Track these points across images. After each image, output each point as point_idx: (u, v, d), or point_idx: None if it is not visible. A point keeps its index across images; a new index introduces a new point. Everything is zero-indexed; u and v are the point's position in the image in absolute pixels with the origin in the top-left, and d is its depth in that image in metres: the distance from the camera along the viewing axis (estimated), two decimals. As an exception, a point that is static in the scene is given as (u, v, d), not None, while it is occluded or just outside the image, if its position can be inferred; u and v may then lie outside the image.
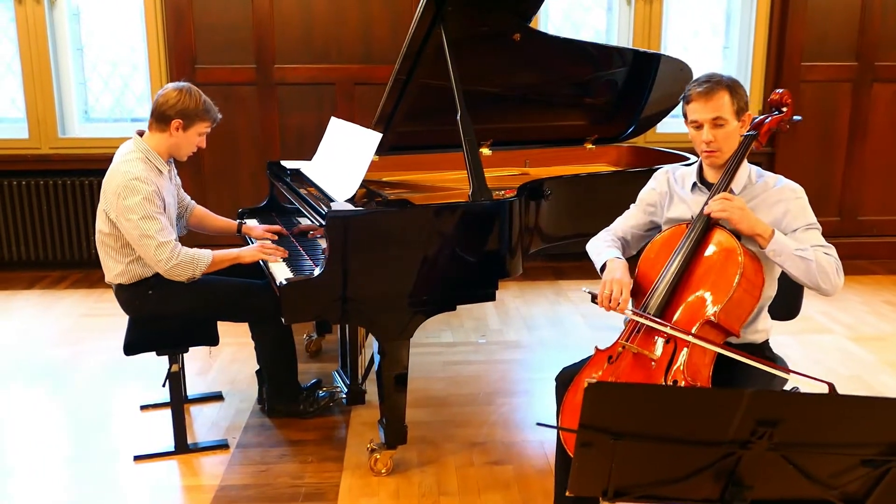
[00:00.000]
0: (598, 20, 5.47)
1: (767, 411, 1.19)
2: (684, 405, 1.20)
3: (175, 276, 2.80)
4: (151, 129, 2.89)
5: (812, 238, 2.18)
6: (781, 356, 2.53)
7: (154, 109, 2.87)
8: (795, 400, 1.22)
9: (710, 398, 1.22)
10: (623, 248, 2.49)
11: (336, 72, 5.13)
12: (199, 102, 2.88)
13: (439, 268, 2.67)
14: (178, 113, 2.83)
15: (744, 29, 5.33)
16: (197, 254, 2.83)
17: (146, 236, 2.74)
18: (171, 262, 2.76)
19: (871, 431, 1.25)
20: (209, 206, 5.17)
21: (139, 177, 2.76)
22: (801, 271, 2.11)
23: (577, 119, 4.09)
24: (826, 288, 2.12)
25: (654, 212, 2.47)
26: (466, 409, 3.35)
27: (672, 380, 2.08)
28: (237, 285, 2.98)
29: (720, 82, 2.22)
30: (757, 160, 5.36)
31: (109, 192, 2.80)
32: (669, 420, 1.21)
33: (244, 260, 2.95)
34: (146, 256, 2.79)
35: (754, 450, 1.25)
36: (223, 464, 2.91)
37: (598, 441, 1.26)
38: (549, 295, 4.90)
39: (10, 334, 4.24)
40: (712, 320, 2.10)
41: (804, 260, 2.11)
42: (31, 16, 5.02)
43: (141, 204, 2.73)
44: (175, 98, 2.84)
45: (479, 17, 3.16)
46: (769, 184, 2.28)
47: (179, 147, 2.90)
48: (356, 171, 2.86)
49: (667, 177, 2.46)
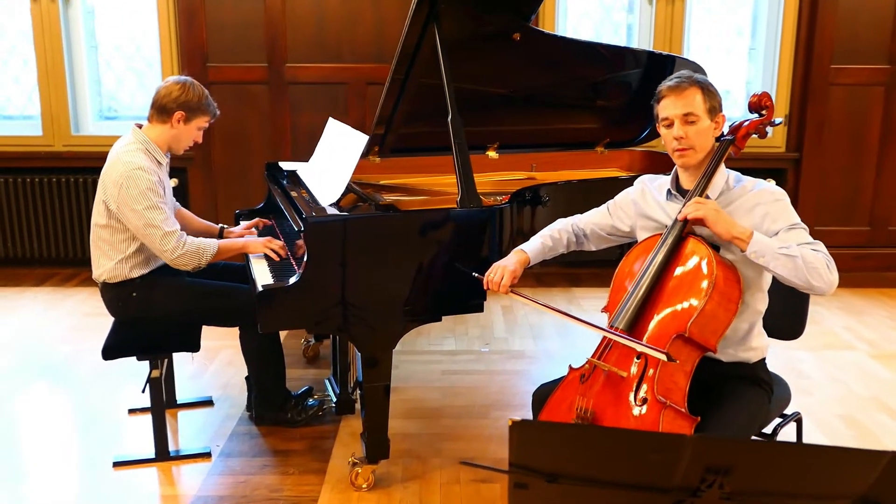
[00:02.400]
0: (619, 20, 5.31)
1: (716, 458, 1.06)
2: (619, 447, 1.08)
3: (181, 266, 2.80)
4: (152, 120, 2.87)
5: (796, 237, 2.03)
6: (780, 375, 2.38)
7: (155, 101, 2.86)
8: (747, 447, 1.08)
9: (648, 441, 1.09)
10: (574, 241, 2.44)
11: (348, 71, 5.05)
12: (201, 96, 2.87)
13: (423, 277, 2.56)
14: (180, 105, 2.83)
15: (771, 29, 5.12)
16: (203, 243, 2.83)
17: (151, 226, 2.72)
18: (177, 252, 2.75)
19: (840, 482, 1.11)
20: (219, 205, 5.21)
21: (142, 167, 2.74)
22: (788, 270, 1.96)
23: (588, 122, 3.95)
24: (819, 286, 1.96)
25: (620, 217, 2.38)
26: (459, 423, 3.23)
27: (641, 399, 1.95)
28: (222, 289, 2.92)
29: (691, 78, 2.13)
30: (782, 166, 5.17)
31: (109, 183, 2.77)
32: (608, 462, 1.09)
33: (249, 250, 2.93)
34: (152, 246, 2.77)
35: (706, 499, 1.11)
36: (202, 473, 2.84)
37: (532, 483, 1.14)
38: (560, 302, 4.76)
39: (13, 331, 4.23)
40: (685, 335, 1.97)
41: (789, 258, 1.95)
42: (45, 14, 5.03)
43: (145, 194, 2.72)
44: (178, 91, 2.83)
45: (476, 16, 3.05)
46: (747, 188, 2.15)
47: (179, 140, 2.89)
48: (342, 175, 2.77)
49: (643, 185, 2.34)
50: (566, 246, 2.44)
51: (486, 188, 3.43)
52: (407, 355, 3.92)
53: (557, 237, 2.43)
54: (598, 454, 1.09)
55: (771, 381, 2.23)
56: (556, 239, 2.42)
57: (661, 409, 1.93)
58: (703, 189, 2.12)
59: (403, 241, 2.54)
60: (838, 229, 5.23)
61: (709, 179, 2.13)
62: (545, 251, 2.42)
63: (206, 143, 5.10)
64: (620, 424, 1.97)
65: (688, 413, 1.95)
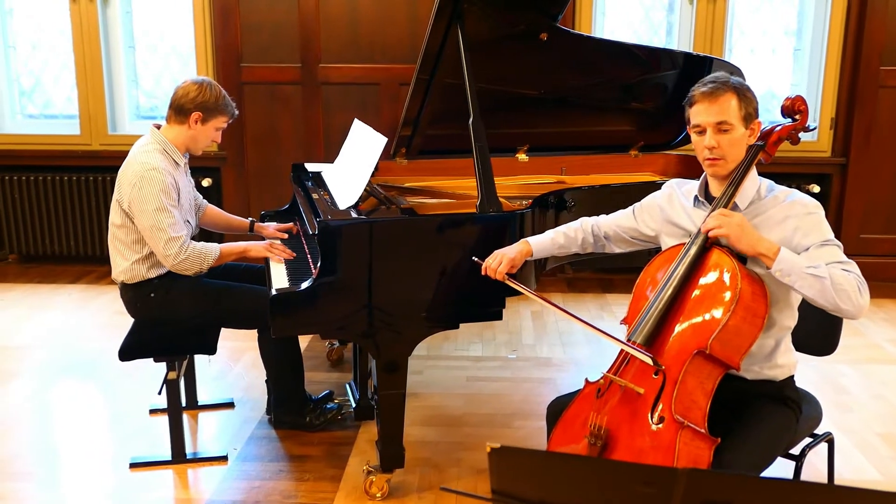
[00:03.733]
0: (659, 20, 5.18)
1: (713, 493, 0.97)
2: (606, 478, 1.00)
3: (182, 271, 2.78)
4: (170, 121, 2.87)
5: (828, 255, 1.91)
6: (814, 392, 2.26)
7: (173, 102, 2.85)
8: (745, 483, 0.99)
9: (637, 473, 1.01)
10: (592, 243, 2.36)
11: (381, 72, 5.01)
12: (218, 97, 2.86)
13: (440, 283, 2.49)
14: (197, 106, 2.81)
15: (817, 29, 4.94)
16: (205, 248, 2.81)
17: (158, 228, 2.72)
18: (179, 258, 2.74)
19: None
20: (252, 205, 5.21)
21: (156, 167, 2.73)
22: (815, 291, 1.85)
23: (621, 124, 3.85)
24: (847, 309, 1.85)
25: (645, 221, 2.28)
26: (480, 431, 3.16)
27: (659, 416, 1.86)
28: (239, 291, 2.89)
29: (727, 84, 1.99)
30: (827, 171, 4.98)
31: (124, 183, 2.78)
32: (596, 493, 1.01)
33: (250, 254, 2.92)
34: (156, 249, 2.76)
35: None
36: (217, 477, 2.81)
37: (518, 511, 1.07)
38: (592, 309, 4.65)
39: (46, 327, 4.28)
40: (705, 352, 1.86)
41: (817, 278, 1.84)
42: (84, 14, 5.09)
43: (157, 195, 2.71)
44: (196, 91, 2.82)
45: (501, 15, 2.97)
46: (779, 199, 2.03)
47: (197, 140, 2.88)
48: (361, 178, 2.72)
49: (671, 189, 2.24)
50: (581, 246, 2.36)
51: (512, 192, 3.36)
52: (433, 360, 3.86)
53: (572, 236, 2.35)
54: (584, 484, 1.01)
55: (799, 399, 2.11)
56: (570, 237, 2.35)
57: (679, 429, 1.83)
58: (731, 198, 2.01)
59: (419, 246, 2.47)
60: (885, 237, 5.03)
61: (736, 187, 2.02)
62: (554, 247, 2.35)
63: (238, 142, 5.14)
64: (635, 444, 1.88)
65: (707, 434, 1.85)
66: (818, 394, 2.29)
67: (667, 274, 2.02)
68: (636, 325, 2.00)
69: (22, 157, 5.25)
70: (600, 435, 1.92)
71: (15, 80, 5.40)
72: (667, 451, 1.81)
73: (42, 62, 5.40)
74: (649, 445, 1.85)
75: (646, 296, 2.07)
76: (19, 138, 5.30)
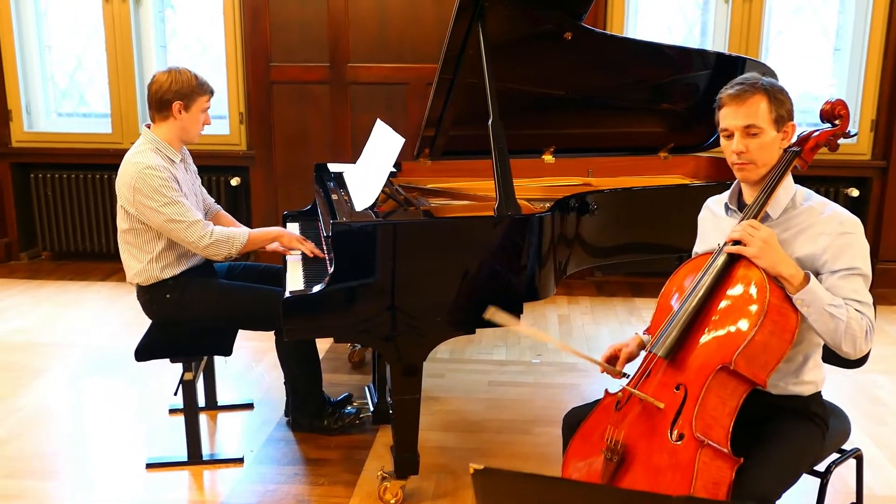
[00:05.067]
0: (693, 19, 5.06)
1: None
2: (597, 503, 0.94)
3: (213, 255, 2.78)
4: (155, 120, 2.85)
5: (851, 287, 1.83)
6: (841, 406, 2.16)
7: (150, 100, 2.82)
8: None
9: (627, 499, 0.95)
10: None
11: (409, 72, 4.97)
12: (191, 79, 2.82)
13: (455, 288, 2.44)
14: (175, 95, 2.78)
15: (858, 29, 4.78)
16: (233, 231, 2.82)
17: (173, 221, 2.71)
18: (204, 240, 2.73)
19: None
20: (279, 205, 5.21)
21: (151, 165, 2.72)
22: (826, 329, 1.79)
23: (651, 126, 3.76)
24: (847, 351, 1.81)
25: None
26: (500, 438, 3.10)
27: (678, 434, 1.78)
28: (257, 292, 2.87)
29: (756, 85, 1.89)
30: (866, 174, 4.81)
31: (122, 186, 2.78)
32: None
33: (284, 242, 2.89)
34: (179, 240, 2.76)
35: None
36: (232, 479, 2.80)
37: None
38: (620, 313, 4.56)
39: (74, 325, 4.32)
40: (729, 367, 1.78)
41: (834, 318, 1.78)
42: (117, 14, 5.13)
43: (158, 191, 2.71)
44: (168, 82, 2.78)
45: (524, 14, 2.91)
46: (815, 210, 1.93)
47: (187, 130, 2.85)
48: (378, 179, 2.68)
49: (706, 209, 2.16)
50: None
51: (536, 193, 3.30)
52: (455, 364, 3.82)
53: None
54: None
55: (826, 414, 2.02)
56: None
57: (699, 448, 1.75)
58: (762, 207, 1.92)
59: (433, 250, 2.42)
60: (927, 244, 4.85)
61: (768, 196, 1.92)
62: None
63: (267, 142, 5.14)
64: (652, 461, 1.81)
65: (730, 453, 1.77)
66: (851, 405, 2.21)
67: (692, 284, 1.94)
68: (658, 337, 1.93)
69: (55, 155, 5.32)
70: (617, 450, 1.85)
71: (49, 79, 5.47)
72: (685, 470, 1.73)
73: (76, 62, 5.47)
74: (667, 463, 1.78)
75: (670, 306, 1.99)
76: (53, 136, 5.37)
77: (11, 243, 5.49)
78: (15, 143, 5.35)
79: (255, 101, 5.09)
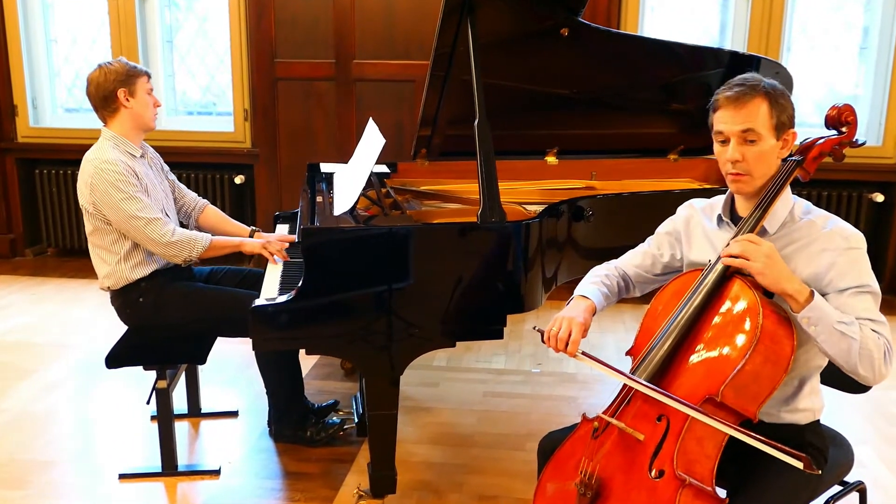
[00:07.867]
0: (712, 17, 4.87)
1: None
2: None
3: (171, 256, 2.70)
4: (107, 119, 2.77)
5: (861, 306, 1.65)
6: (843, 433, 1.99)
7: (94, 100, 2.75)
8: None
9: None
10: (623, 287, 2.04)
11: (416, 69, 4.83)
12: (123, 65, 2.76)
13: (433, 298, 2.29)
14: (115, 84, 2.71)
15: (885, 26, 4.56)
16: (195, 234, 2.72)
17: (132, 217, 2.64)
18: (165, 238, 2.66)
19: None
20: (283, 202, 5.10)
21: (106, 159, 2.65)
22: (838, 350, 1.60)
23: (660, 126, 3.59)
24: (865, 375, 1.61)
25: (661, 254, 2.01)
26: (489, 453, 2.96)
27: (658, 470, 1.63)
28: (234, 297, 2.76)
29: (757, 87, 1.72)
30: (889, 178, 4.58)
31: (81, 185, 2.71)
32: None
33: (245, 250, 2.81)
34: (140, 239, 2.68)
35: None
36: (206, 492, 2.69)
37: None
38: (627, 321, 4.39)
39: (66, 324, 4.25)
40: (716, 399, 1.62)
41: (845, 338, 1.59)
42: (122, 9, 5.06)
43: (115, 185, 2.63)
44: (103, 74, 2.72)
45: (517, 9, 2.76)
46: (817, 225, 1.75)
47: (141, 115, 2.77)
48: (357, 183, 2.55)
49: (689, 210, 1.99)
50: (617, 293, 2.04)
51: (533, 197, 3.15)
52: (451, 372, 3.68)
53: (608, 283, 2.01)
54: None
55: (825, 444, 1.85)
56: (609, 285, 2.00)
57: (680, 487, 1.60)
58: (759, 221, 1.75)
59: (412, 258, 2.27)
60: (956, 253, 4.62)
61: (766, 210, 1.75)
62: (607, 299, 1.99)
63: (271, 139, 5.04)
64: (630, 498, 1.66)
65: (714, 493, 1.61)
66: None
67: (679, 305, 1.77)
68: (641, 361, 1.78)
69: (61, 150, 5.27)
70: (591, 484, 1.71)
71: (56, 74, 5.42)
72: (664, 510, 1.59)
73: (82, 56, 5.41)
74: (645, 502, 1.63)
75: (655, 328, 1.83)
76: (58, 132, 5.33)
77: (16, 239, 5.46)
78: (20, 138, 5.32)
79: (260, 98, 4.99)
